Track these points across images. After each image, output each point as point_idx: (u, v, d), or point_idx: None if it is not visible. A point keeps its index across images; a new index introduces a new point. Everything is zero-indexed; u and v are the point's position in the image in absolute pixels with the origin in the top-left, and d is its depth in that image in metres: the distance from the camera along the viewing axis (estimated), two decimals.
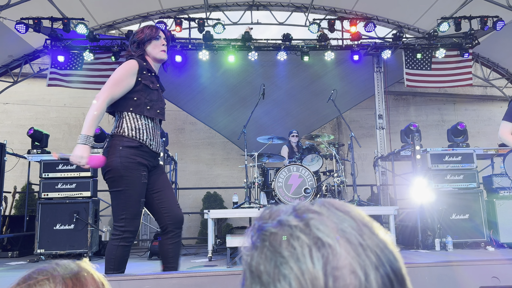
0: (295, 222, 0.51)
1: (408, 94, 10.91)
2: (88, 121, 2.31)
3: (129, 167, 2.34)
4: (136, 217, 2.36)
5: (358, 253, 0.48)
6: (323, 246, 0.48)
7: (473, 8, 7.66)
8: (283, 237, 0.51)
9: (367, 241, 0.50)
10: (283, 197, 5.75)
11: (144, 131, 2.45)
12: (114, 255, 2.31)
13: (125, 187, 2.33)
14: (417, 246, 6.06)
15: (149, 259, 5.44)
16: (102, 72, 7.87)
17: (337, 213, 0.52)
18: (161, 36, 2.59)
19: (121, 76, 2.41)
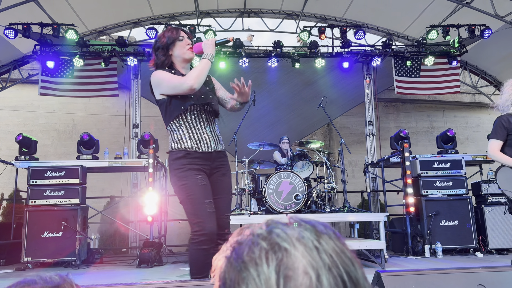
0: (260, 231, 0.56)
1: (397, 101, 11.01)
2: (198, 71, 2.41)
3: (182, 176, 2.40)
4: (208, 219, 2.35)
5: (312, 255, 0.52)
6: (279, 249, 0.53)
7: (461, 16, 7.78)
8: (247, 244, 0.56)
9: (323, 245, 0.54)
10: (273, 203, 5.74)
11: (187, 138, 2.45)
12: (195, 259, 2.37)
13: (186, 195, 2.39)
14: (407, 252, 6.08)
15: (138, 267, 5.38)
16: (93, 79, 7.82)
17: (302, 225, 0.57)
18: (184, 36, 2.55)
19: (169, 75, 2.46)
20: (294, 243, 0.53)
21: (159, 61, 2.53)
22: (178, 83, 2.38)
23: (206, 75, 2.44)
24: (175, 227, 9.46)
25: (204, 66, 2.42)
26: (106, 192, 9.03)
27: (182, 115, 2.45)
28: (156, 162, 6.04)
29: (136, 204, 7.86)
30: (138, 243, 7.59)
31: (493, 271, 1.74)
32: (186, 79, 2.36)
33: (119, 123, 9.31)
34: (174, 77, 2.42)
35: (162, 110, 2.51)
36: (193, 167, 2.41)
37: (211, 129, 2.53)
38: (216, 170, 2.54)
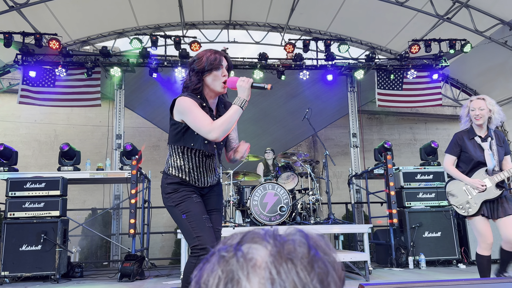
0: (224, 253, 0.52)
1: (381, 114, 11.15)
2: (229, 119, 2.22)
3: (177, 197, 2.35)
4: (206, 233, 2.31)
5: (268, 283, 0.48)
6: (231, 280, 0.49)
7: (442, 31, 7.96)
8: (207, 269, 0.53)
9: (282, 276, 0.49)
10: (258, 215, 5.70)
11: (187, 172, 2.38)
12: (191, 273, 2.29)
13: (181, 213, 2.33)
14: (391, 264, 6.10)
15: (120, 280, 5.26)
16: (75, 89, 7.72)
17: (271, 244, 0.52)
18: (223, 65, 2.34)
19: (196, 108, 2.25)
20: (249, 273, 0.49)
21: (191, 84, 2.34)
22: (203, 128, 2.21)
23: (234, 124, 2.25)
24: (158, 239, 9.33)
25: (233, 115, 2.21)
26: (87, 204, 8.87)
27: (190, 148, 2.39)
28: (139, 173, 5.96)
29: (118, 216, 7.73)
30: (120, 256, 7.45)
31: (475, 283, 1.74)
32: (211, 129, 2.18)
33: (102, 134, 9.20)
34: (202, 119, 2.22)
35: (173, 130, 2.39)
36: (188, 189, 2.40)
37: (211, 165, 2.48)
38: (209, 191, 2.54)
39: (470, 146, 3.35)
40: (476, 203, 3.29)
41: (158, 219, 9.11)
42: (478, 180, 3.28)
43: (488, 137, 3.36)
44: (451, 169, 3.43)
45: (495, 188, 3.26)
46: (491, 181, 3.27)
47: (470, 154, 3.33)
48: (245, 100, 2.23)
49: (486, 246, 3.31)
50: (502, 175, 3.25)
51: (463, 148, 3.39)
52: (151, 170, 7.28)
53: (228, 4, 8.55)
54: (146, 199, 6.66)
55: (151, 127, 9.26)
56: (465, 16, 7.62)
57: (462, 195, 3.37)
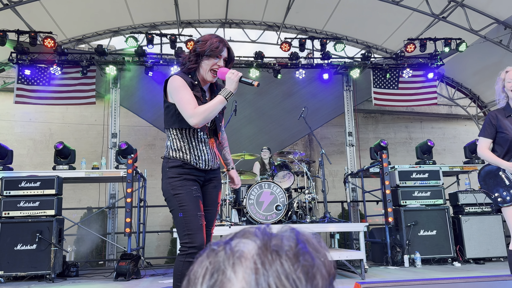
0: (214, 247, 0.54)
1: (376, 112, 11.18)
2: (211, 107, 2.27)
3: (177, 185, 2.35)
4: (198, 231, 2.32)
5: (249, 280, 0.49)
6: (217, 271, 0.51)
7: (437, 30, 7.99)
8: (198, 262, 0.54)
9: (266, 266, 0.50)
10: (254, 214, 5.71)
11: (187, 151, 2.39)
12: (180, 271, 2.31)
13: (178, 205, 2.34)
14: (387, 263, 6.12)
15: (115, 280, 5.25)
16: (71, 87, 7.69)
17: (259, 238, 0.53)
18: (222, 55, 2.38)
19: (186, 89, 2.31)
20: (235, 264, 0.50)
21: (189, 63, 2.39)
22: (186, 112, 2.27)
23: (216, 114, 2.31)
24: (154, 238, 9.31)
25: (216, 104, 2.27)
26: (83, 203, 8.84)
27: (186, 128, 2.40)
28: (135, 172, 5.94)
29: (114, 215, 7.71)
30: (115, 255, 7.43)
31: (470, 281, 1.75)
32: (193, 115, 2.24)
33: (97, 133, 9.16)
34: (187, 102, 2.27)
35: (167, 113, 2.42)
36: (189, 177, 2.38)
37: (211, 146, 2.50)
38: (209, 182, 2.52)
39: (507, 124, 2.94)
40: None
41: (154, 218, 9.09)
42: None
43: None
44: (485, 153, 2.99)
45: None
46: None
47: (507, 133, 2.91)
48: (231, 93, 2.29)
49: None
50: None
51: (498, 127, 2.97)
52: (146, 169, 7.26)
53: (224, 2, 8.53)
54: (142, 198, 6.64)
55: (147, 126, 9.24)
56: (461, 15, 7.65)
57: (499, 181, 2.95)
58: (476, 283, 1.71)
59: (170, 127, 2.45)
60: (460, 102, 10.36)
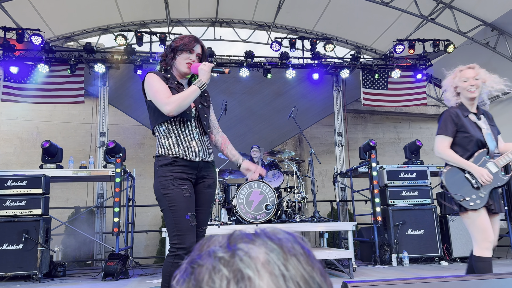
0: (221, 254, 0.51)
1: (365, 113, 11.25)
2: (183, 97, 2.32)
3: (166, 184, 2.34)
4: (187, 232, 2.31)
5: (279, 285, 0.48)
6: (242, 279, 0.48)
7: (426, 31, 8.07)
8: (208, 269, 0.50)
9: (291, 271, 0.49)
10: (244, 213, 5.70)
11: (175, 144, 2.40)
12: (169, 272, 2.31)
13: (168, 205, 2.33)
14: (375, 261, 6.17)
15: (103, 280, 5.21)
16: (59, 85, 7.59)
17: (268, 243, 0.52)
18: (195, 50, 2.47)
19: (159, 83, 2.38)
20: (259, 270, 0.48)
21: (163, 59, 2.51)
22: (160, 101, 2.32)
23: (191, 102, 2.36)
24: (143, 238, 9.26)
25: (190, 93, 2.33)
26: (70, 202, 8.75)
27: (171, 121, 2.41)
28: (123, 171, 5.89)
29: (102, 214, 7.65)
30: (103, 255, 7.36)
31: (456, 280, 1.77)
32: (167, 102, 2.29)
33: (85, 131, 9.07)
34: (161, 92, 2.33)
35: (150, 112, 2.47)
36: (180, 176, 2.36)
37: (200, 139, 2.48)
38: (202, 181, 2.49)
39: (467, 124, 2.74)
40: (484, 193, 2.68)
41: (143, 217, 9.03)
42: (486, 171, 2.67)
43: (480, 114, 2.81)
44: (448, 153, 2.73)
45: (501, 173, 2.72)
46: (495, 165, 2.72)
47: (469, 134, 2.72)
48: (204, 82, 2.37)
49: (488, 245, 2.63)
50: (506, 158, 2.72)
51: (459, 126, 2.75)
52: (136, 168, 7.21)
53: (214, 1, 8.51)
54: (130, 198, 6.60)
55: (136, 125, 9.17)
56: (449, 17, 7.74)
57: (467, 184, 2.72)
58: (461, 282, 1.73)
59: (155, 124, 2.46)
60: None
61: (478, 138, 2.72)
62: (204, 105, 2.55)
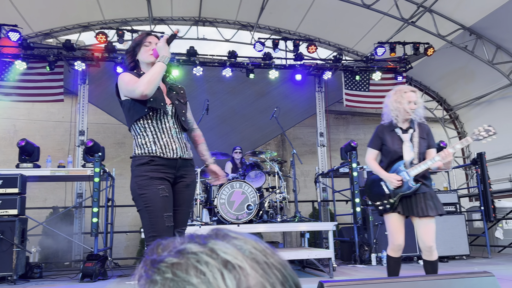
0: (199, 249, 0.50)
1: (347, 114, 11.36)
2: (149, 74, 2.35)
3: (143, 184, 2.31)
4: (164, 234, 2.26)
5: (266, 272, 0.49)
6: (233, 268, 0.48)
7: (407, 34, 8.20)
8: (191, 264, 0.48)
9: (270, 259, 0.50)
10: (225, 213, 5.68)
11: (151, 142, 2.37)
12: None
13: (144, 205, 2.30)
14: (355, 261, 6.23)
15: (81, 281, 5.12)
16: (37, 83, 7.43)
17: (234, 239, 0.52)
18: (151, 42, 2.51)
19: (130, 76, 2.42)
20: (247, 260, 0.49)
21: (127, 63, 2.57)
22: (130, 86, 2.33)
23: (160, 78, 2.37)
24: (123, 238, 9.15)
25: (156, 69, 2.35)
26: (48, 202, 8.57)
27: (147, 118, 2.38)
28: (102, 171, 5.81)
29: (81, 215, 7.52)
30: (82, 256, 7.24)
31: (429, 279, 1.80)
32: (138, 85, 2.30)
33: (64, 130, 8.91)
34: (131, 81, 2.36)
35: (125, 111, 2.45)
36: (156, 176, 2.32)
37: (178, 136, 2.45)
38: (181, 180, 2.45)
39: (388, 138, 3.10)
40: (394, 199, 3.04)
41: (122, 218, 8.92)
42: (394, 175, 3.00)
43: (409, 128, 3.08)
44: (371, 163, 3.17)
45: (413, 182, 2.97)
46: (408, 174, 2.98)
47: (387, 146, 3.08)
48: (166, 56, 2.41)
49: (394, 247, 3.11)
50: (418, 168, 2.95)
51: (383, 140, 3.13)
52: (116, 167, 7.11)
53: (198, 0, 8.47)
54: (109, 198, 6.50)
55: (116, 124, 9.05)
56: (429, 21, 7.88)
57: (381, 190, 3.11)
58: (434, 281, 1.76)
59: (131, 123, 2.43)
60: (427, 105, 10.64)
61: (394, 150, 3.05)
62: (181, 102, 2.54)
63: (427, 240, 2.97)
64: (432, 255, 3.00)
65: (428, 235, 2.97)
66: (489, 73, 8.64)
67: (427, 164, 2.94)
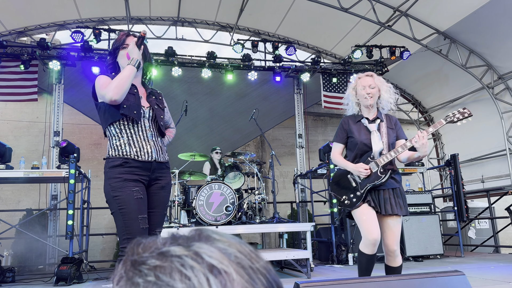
0: (183, 252, 0.48)
1: (325, 115, 11.48)
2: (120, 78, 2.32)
3: (117, 186, 2.27)
4: (138, 236, 2.16)
5: (252, 277, 0.48)
6: (219, 273, 0.46)
7: (383, 38, 8.35)
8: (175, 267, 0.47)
9: (255, 264, 0.50)
10: (204, 215, 5.66)
11: (127, 144, 2.34)
12: None
13: (118, 207, 2.26)
14: (332, 261, 6.30)
15: (55, 285, 5.00)
16: (10, 82, 7.23)
17: (218, 242, 0.51)
18: (129, 44, 2.46)
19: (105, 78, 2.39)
20: (232, 265, 0.48)
21: (107, 64, 2.55)
22: (101, 92, 2.31)
23: (130, 82, 2.33)
24: (99, 241, 8.99)
25: (125, 74, 2.32)
26: (22, 204, 8.37)
27: (123, 121, 2.36)
28: (78, 172, 5.70)
29: (55, 217, 7.36)
30: (56, 259, 7.08)
31: (403, 279, 1.85)
32: (107, 90, 2.27)
33: (39, 131, 8.70)
34: (103, 85, 2.32)
35: (100, 114, 2.43)
36: (131, 178, 2.30)
37: (154, 139, 2.44)
38: (155, 182, 2.43)
39: (354, 129, 2.92)
40: (361, 191, 2.82)
41: (99, 220, 8.77)
42: (362, 164, 2.82)
43: (376, 118, 2.93)
44: (336, 158, 2.97)
45: (380, 172, 2.79)
46: (376, 164, 2.80)
47: (354, 138, 2.89)
48: (136, 59, 2.39)
49: (367, 242, 2.75)
50: (387, 156, 2.78)
51: (348, 132, 2.95)
52: (92, 169, 6.99)
53: (176, 0, 8.41)
54: (85, 200, 6.39)
55: (92, 124, 8.90)
56: (405, 25, 8.05)
57: (348, 184, 2.91)
58: (407, 280, 1.81)
59: (107, 126, 2.41)
60: (403, 107, 10.88)
61: (361, 141, 2.85)
62: (159, 107, 2.54)
63: (391, 243, 2.76)
64: (395, 260, 2.80)
65: (393, 238, 2.76)
66: (462, 77, 8.89)
67: (398, 151, 2.76)
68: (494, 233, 7.88)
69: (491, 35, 7.85)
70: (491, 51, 8.27)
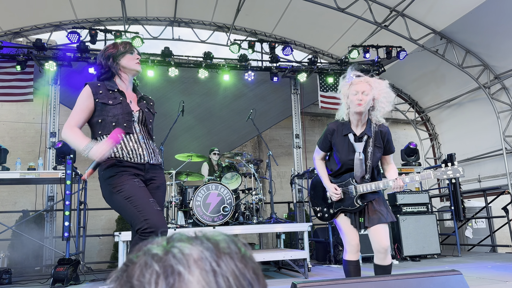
0: (156, 251, 0.52)
1: (322, 116, 11.49)
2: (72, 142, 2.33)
3: (117, 182, 2.25)
4: (156, 216, 2.17)
5: (208, 280, 0.49)
6: (172, 274, 0.49)
7: (380, 38, 8.36)
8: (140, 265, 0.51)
9: (222, 267, 0.51)
10: (201, 216, 5.65)
11: (119, 148, 2.33)
12: None
13: (125, 198, 2.21)
14: (330, 261, 6.30)
15: (52, 286, 4.98)
16: (6, 83, 7.20)
17: (205, 242, 0.54)
18: (134, 51, 2.53)
19: (80, 102, 2.39)
20: (190, 266, 0.50)
21: (103, 70, 2.55)
22: (67, 121, 2.37)
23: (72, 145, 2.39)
24: (96, 242, 8.97)
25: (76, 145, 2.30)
26: (18, 205, 8.33)
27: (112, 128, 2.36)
28: (74, 173, 5.68)
29: (52, 218, 7.33)
30: (53, 260, 7.06)
31: (400, 278, 1.85)
32: (65, 130, 2.34)
33: (35, 132, 8.67)
34: (75, 114, 2.37)
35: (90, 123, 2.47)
36: (128, 172, 2.30)
37: (145, 142, 2.44)
38: (150, 182, 2.43)
39: (339, 143, 2.75)
40: (334, 210, 2.81)
41: (96, 221, 8.75)
42: (335, 186, 2.76)
43: (364, 135, 2.72)
44: (317, 164, 2.88)
45: (357, 200, 2.72)
46: (355, 190, 2.72)
47: (340, 154, 2.75)
48: (88, 151, 2.20)
49: (352, 248, 2.77)
50: (368, 187, 2.69)
51: (333, 144, 2.79)
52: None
53: (173, 0, 8.40)
54: (82, 201, 6.36)
55: None
56: (401, 25, 8.06)
57: (324, 196, 2.87)
58: (404, 280, 1.81)
59: (97, 136, 2.41)
60: (400, 107, 10.90)
61: (345, 162, 2.73)
62: (150, 111, 2.57)
63: (381, 241, 2.67)
64: (386, 258, 2.72)
65: (384, 237, 2.69)
66: (459, 77, 8.91)
67: (379, 186, 2.67)
68: (491, 233, 7.90)
69: (487, 35, 7.88)
70: (487, 51, 8.30)
